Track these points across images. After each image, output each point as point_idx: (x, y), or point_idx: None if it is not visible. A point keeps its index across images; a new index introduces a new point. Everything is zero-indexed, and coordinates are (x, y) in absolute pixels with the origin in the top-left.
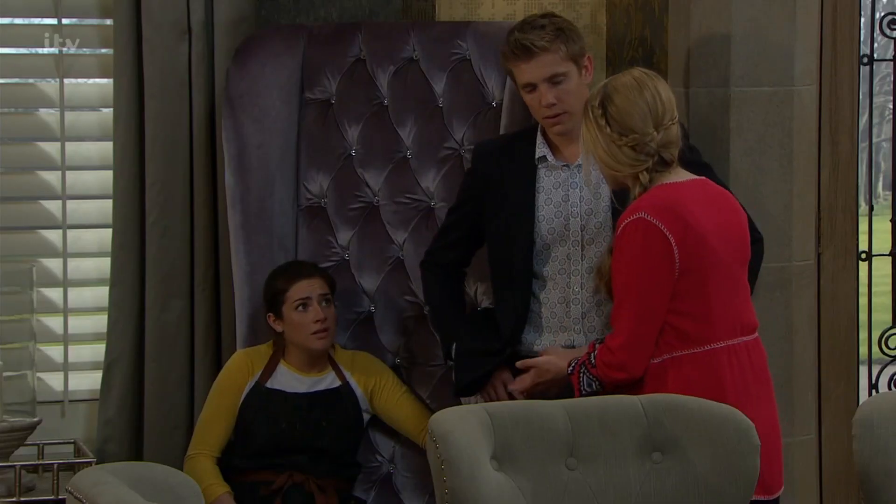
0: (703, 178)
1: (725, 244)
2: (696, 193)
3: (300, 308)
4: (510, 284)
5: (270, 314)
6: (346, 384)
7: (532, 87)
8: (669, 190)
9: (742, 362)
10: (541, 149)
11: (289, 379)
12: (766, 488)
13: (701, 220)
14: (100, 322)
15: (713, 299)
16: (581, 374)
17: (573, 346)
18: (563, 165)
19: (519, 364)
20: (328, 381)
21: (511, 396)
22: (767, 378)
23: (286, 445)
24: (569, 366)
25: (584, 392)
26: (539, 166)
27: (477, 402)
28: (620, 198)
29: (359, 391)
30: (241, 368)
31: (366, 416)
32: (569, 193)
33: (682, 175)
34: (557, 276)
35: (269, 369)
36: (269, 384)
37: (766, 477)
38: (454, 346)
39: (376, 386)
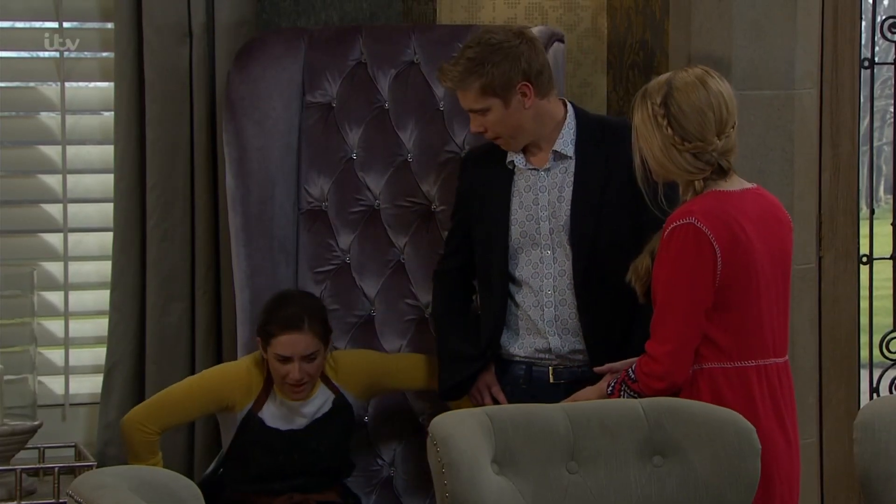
0: (757, 186)
1: (770, 260)
2: (748, 205)
3: (281, 360)
4: (489, 288)
5: (259, 338)
6: (340, 396)
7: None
8: (722, 198)
9: (772, 384)
10: (511, 154)
11: (281, 409)
12: None
13: (750, 235)
14: (100, 325)
15: (751, 315)
16: (622, 393)
17: (549, 349)
18: (532, 169)
19: None
20: (322, 398)
21: (495, 401)
22: (793, 402)
23: (283, 472)
24: (608, 386)
25: None
26: (514, 171)
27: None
28: (669, 198)
29: (351, 397)
30: (239, 385)
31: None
32: (538, 197)
33: (735, 182)
34: (531, 280)
35: (262, 398)
36: (261, 414)
37: (788, 501)
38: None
39: (370, 381)
